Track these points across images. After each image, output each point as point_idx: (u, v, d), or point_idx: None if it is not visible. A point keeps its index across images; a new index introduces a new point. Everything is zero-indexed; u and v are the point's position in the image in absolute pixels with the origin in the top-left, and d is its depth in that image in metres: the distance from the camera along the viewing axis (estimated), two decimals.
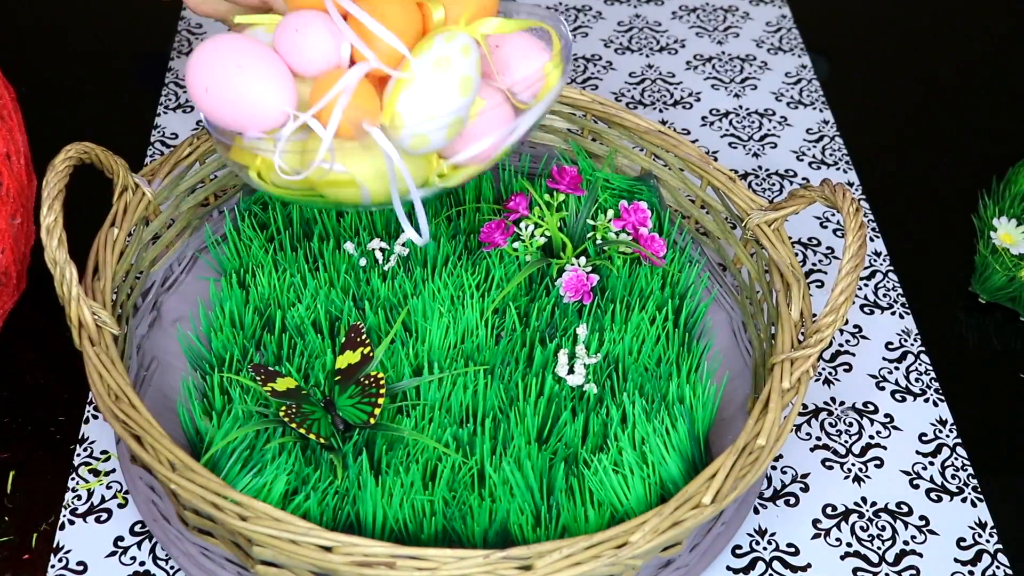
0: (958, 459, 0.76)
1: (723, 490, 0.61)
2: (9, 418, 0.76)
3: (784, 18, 1.16)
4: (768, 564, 0.69)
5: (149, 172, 0.78)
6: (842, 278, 0.66)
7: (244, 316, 0.75)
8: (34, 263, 0.79)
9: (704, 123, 1.02)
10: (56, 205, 0.66)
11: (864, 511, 0.72)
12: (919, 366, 0.82)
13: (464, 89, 0.64)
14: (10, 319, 0.80)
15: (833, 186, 0.70)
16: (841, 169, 0.98)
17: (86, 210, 0.79)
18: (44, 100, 1.02)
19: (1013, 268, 0.83)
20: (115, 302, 0.73)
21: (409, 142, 0.65)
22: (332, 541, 0.58)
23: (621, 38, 1.12)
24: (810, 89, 1.06)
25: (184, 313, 0.78)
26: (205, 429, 0.68)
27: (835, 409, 0.79)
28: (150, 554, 0.69)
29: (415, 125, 0.64)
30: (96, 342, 0.66)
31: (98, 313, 0.67)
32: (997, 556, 0.70)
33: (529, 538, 0.65)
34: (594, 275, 0.79)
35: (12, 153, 0.74)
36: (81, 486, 0.72)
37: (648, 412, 0.71)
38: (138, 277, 0.77)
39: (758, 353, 0.76)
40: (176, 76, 1.05)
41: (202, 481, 0.60)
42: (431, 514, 0.65)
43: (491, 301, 0.77)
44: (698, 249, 0.84)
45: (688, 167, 0.82)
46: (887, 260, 0.90)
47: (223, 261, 0.80)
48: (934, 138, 1.03)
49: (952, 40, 1.15)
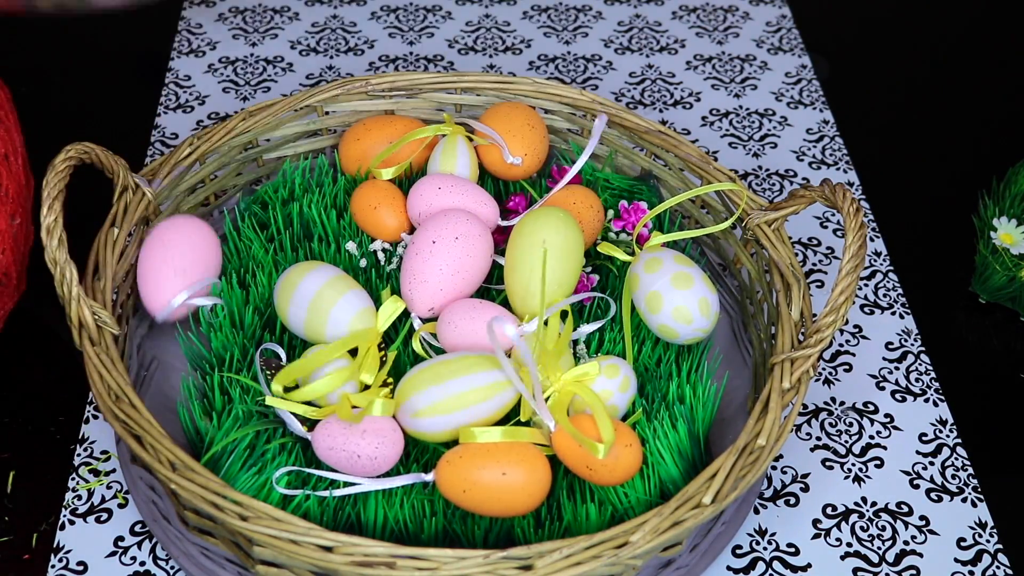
0: (958, 459, 0.76)
1: (723, 490, 0.61)
2: (9, 418, 0.76)
3: (784, 18, 1.16)
4: (768, 564, 0.69)
5: (149, 172, 0.78)
6: (842, 278, 0.66)
7: (244, 316, 0.75)
8: (34, 263, 0.79)
9: (704, 123, 1.02)
10: (56, 205, 0.66)
11: (864, 511, 0.72)
12: (919, 366, 0.82)
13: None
14: (10, 319, 0.80)
15: (833, 186, 0.70)
16: (841, 169, 0.98)
17: (86, 210, 0.79)
18: (44, 100, 1.02)
19: (1013, 268, 0.83)
20: (115, 302, 0.73)
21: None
22: (332, 541, 0.58)
23: (621, 38, 1.12)
24: (810, 89, 1.06)
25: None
26: (205, 429, 0.68)
27: (835, 409, 0.79)
28: (150, 554, 0.69)
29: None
30: (96, 342, 0.66)
31: (98, 313, 0.67)
32: (997, 556, 0.70)
33: (530, 538, 0.65)
34: (594, 275, 0.79)
35: (10, 153, 0.74)
36: (81, 486, 0.72)
37: (648, 412, 0.71)
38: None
39: (758, 353, 0.76)
40: (176, 76, 1.05)
41: (202, 481, 0.60)
42: (431, 514, 0.65)
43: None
44: (698, 249, 0.84)
45: (688, 167, 0.82)
46: (887, 260, 0.90)
47: (223, 261, 0.80)
48: (934, 138, 1.03)
49: (952, 40, 1.15)
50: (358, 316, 0.71)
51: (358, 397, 0.67)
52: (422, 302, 0.73)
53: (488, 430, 0.65)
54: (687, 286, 0.72)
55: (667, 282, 0.72)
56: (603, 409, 0.65)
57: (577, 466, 0.65)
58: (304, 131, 0.87)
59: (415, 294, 0.73)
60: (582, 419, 0.66)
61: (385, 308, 0.72)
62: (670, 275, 0.72)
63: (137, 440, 0.62)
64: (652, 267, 0.73)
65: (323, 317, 0.71)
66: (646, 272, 0.73)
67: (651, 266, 0.73)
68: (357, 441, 0.64)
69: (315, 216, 0.81)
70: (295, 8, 1.14)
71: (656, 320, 0.73)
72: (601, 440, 0.64)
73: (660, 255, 0.74)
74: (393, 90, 0.86)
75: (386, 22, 1.13)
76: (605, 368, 0.68)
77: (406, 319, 0.76)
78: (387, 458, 0.65)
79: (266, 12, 1.13)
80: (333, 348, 0.69)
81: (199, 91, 1.03)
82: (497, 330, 0.66)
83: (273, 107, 0.83)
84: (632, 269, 0.75)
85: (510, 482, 0.63)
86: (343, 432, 0.65)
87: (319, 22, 1.12)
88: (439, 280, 0.73)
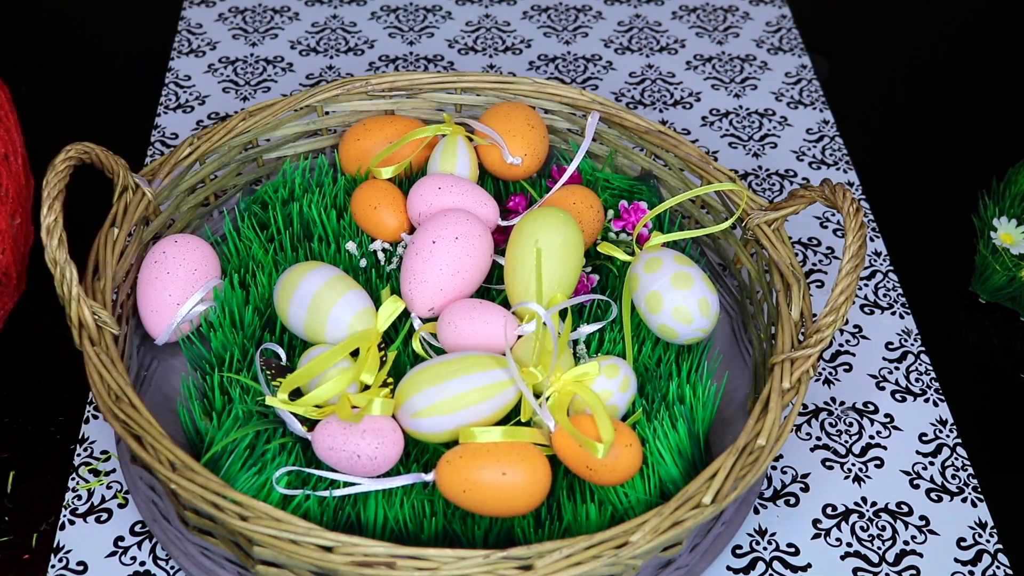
0: (958, 459, 0.76)
1: (723, 490, 0.61)
2: (9, 418, 0.76)
3: (784, 18, 1.16)
4: (768, 564, 0.69)
5: (149, 172, 0.78)
6: (842, 278, 0.66)
7: (244, 316, 0.75)
8: (34, 263, 0.79)
9: (704, 123, 1.02)
10: (56, 205, 0.66)
11: (864, 511, 0.72)
12: (919, 366, 0.82)
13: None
14: (10, 319, 0.80)
15: (833, 186, 0.70)
16: (841, 169, 0.98)
17: (86, 210, 0.79)
18: (43, 100, 1.02)
19: (1013, 268, 0.83)
20: (115, 302, 0.73)
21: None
22: (332, 541, 0.58)
23: (621, 38, 1.12)
24: (810, 89, 1.06)
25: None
26: (205, 429, 0.68)
27: (835, 409, 0.79)
28: (150, 554, 0.69)
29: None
30: (96, 342, 0.66)
31: (98, 313, 0.67)
32: (997, 556, 0.70)
33: (530, 538, 0.65)
34: (594, 275, 0.79)
35: (10, 153, 0.74)
36: (81, 486, 0.72)
37: (648, 412, 0.71)
38: (138, 277, 0.77)
39: (758, 353, 0.76)
40: (176, 76, 1.05)
41: (202, 481, 0.60)
42: (431, 514, 0.65)
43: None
44: (698, 249, 0.84)
45: (688, 167, 0.82)
46: (887, 260, 0.90)
47: (223, 261, 0.80)
48: (934, 138, 1.03)
49: (952, 40, 1.15)
50: (358, 316, 0.71)
51: (358, 397, 0.67)
52: (422, 302, 0.73)
53: (488, 430, 0.65)
54: (687, 286, 0.72)
55: (667, 282, 0.72)
56: (603, 409, 0.65)
57: (577, 466, 0.65)
58: (304, 131, 0.87)
59: (415, 294, 0.73)
60: (582, 419, 0.66)
61: (385, 308, 0.72)
62: (670, 275, 0.72)
63: (137, 440, 0.62)
64: (652, 267, 0.73)
65: (323, 317, 0.71)
66: (646, 272, 0.73)
67: (651, 266, 0.73)
68: (357, 441, 0.64)
69: (315, 216, 0.81)
70: (295, 8, 1.14)
71: (656, 320, 0.73)
72: (601, 440, 0.64)
73: (660, 255, 0.74)
74: (393, 90, 0.86)
75: (386, 22, 1.13)
76: (605, 368, 0.68)
77: (406, 319, 0.76)
78: (387, 458, 0.65)
79: (266, 12, 1.13)
80: (334, 352, 0.69)
81: (199, 91, 1.03)
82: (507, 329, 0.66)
83: (273, 107, 0.83)
84: (632, 269, 0.75)
85: (510, 482, 0.63)
86: (343, 432, 0.65)
87: (319, 22, 1.12)
88: (439, 280, 0.73)
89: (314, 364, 0.68)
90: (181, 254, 0.74)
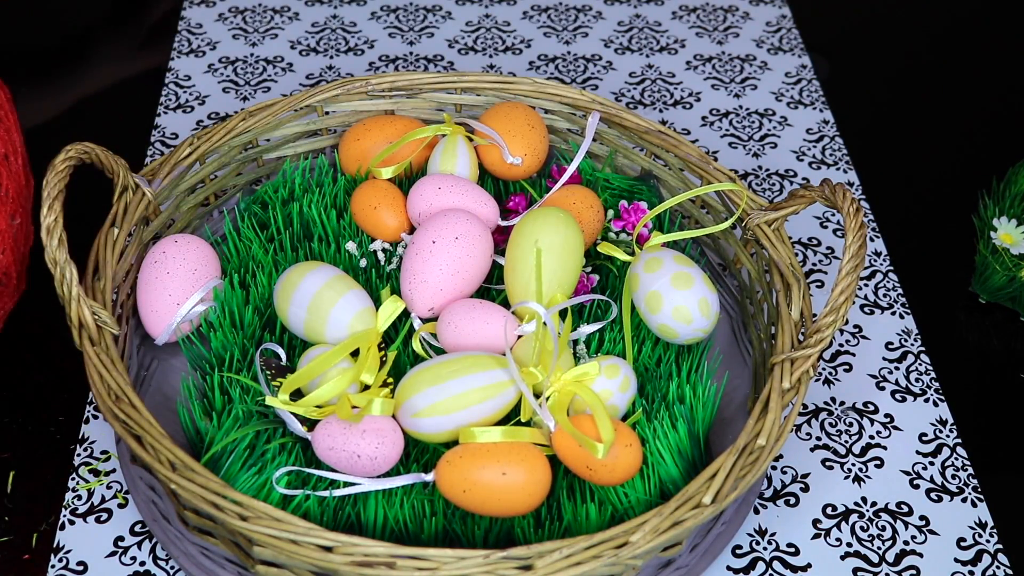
0: (958, 459, 0.76)
1: (723, 490, 0.61)
2: (9, 418, 0.76)
3: (784, 18, 1.16)
4: (768, 564, 0.69)
5: (149, 172, 0.78)
6: (842, 278, 0.66)
7: (244, 316, 0.75)
8: (34, 263, 0.79)
9: (704, 123, 1.02)
10: (56, 205, 0.66)
11: (864, 511, 0.72)
12: (919, 366, 0.82)
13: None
14: (10, 319, 0.80)
15: (833, 186, 0.70)
16: (841, 169, 0.98)
17: (86, 210, 0.79)
18: (43, 100, 1.02)
19: (1013, 268, 0.83)
20: (115, 302, 0.73)
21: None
22: (332, 541, 0.58)
23: (621, 38, 1.12)
24: (810, 89, 1.06)
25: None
26: (205, 429, 0.68)
27: (835, 409, 0.79)
28: (150, 554, 0.69)
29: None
30: (96, 342, 0.66)
31: (98, 313, 0.67)
32: (997, 556, 0.70)
33: (530, 538, 0.65)
34: (594, 275, 0.79)
35: (10, 153, 0.74)
36: (81, 486, 0.72)
37: (648, 412, 0.71)
38: (138, 277, 0.77)
39: (758, 353, 0.76)
40: (176, 76, 1.05)
41: (202, 481, 0.60)
42: (431, 514, 0.65)
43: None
44: (698, 249, 0.84)
45: (688, 167, 0.82)
46: (887, 260, 0.90)
47: (223, 261, 0.80)
48: (934, 138, 1.03)
49: (952, 40, 1.15)
50: (358, 316, 0.71)
51: (358, 397, 0.67)
52: (422, 302, 0.73)
53: (488, 430, 0.65)
54: (687, 286, 0.72)
55: (667, 282, 0.72)
56: (603, 409, 0.65)
57: (577, 466, 0.65)
58: (304, 131, 0.87)
59: (415, 294, 0.73)
60: (582, 419, 0.66)
61: (385, 308, 0.72)
62: (670, 275, 0.72)
63: (137, 440, 0.62)
64: (652, 267, 0.73)
65: (323, 317, 0.71)
66: (646, 272, 0.73)
67: (651, 266, 0.73)
68: (357, 441, 0.64)
69: (315, 216, 0.81)
70: (295, 8, 1.14)
71: (656, 320, 0.73)
72: (601, 440, 0.64)
73: (660, 255, 0.74)
74: (393, 90, 0.86)
75: (386, 22, 1.13)
76: (605, 368, 0.68)
77: (406, 319, 0.76)
78: (387, 458, 0.65)
79: (266, 12, 1.13)
80: (334, 353, 0.69)
81: (199, 91, 1.03)
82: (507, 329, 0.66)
83: (273, 107, 0.83)
84: (632, 269, 0.75)
85: (510, 482, 0.63)
86: (343, 432, 0.65)
87: (319, 22, 1.12)
88: (439, 280, 0.73)
89: (314, 364, 0.68)
90: (181, 254, 0.74)
